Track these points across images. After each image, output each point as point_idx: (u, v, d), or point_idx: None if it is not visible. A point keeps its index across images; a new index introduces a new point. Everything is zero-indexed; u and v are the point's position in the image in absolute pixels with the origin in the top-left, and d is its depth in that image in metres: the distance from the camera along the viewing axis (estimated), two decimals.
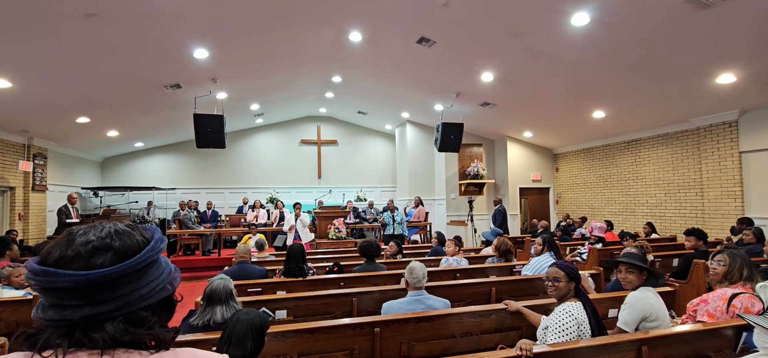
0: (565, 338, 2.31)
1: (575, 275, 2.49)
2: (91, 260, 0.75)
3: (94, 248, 0.76)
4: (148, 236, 0.85)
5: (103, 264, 0.75)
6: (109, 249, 0.77)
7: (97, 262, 0.75)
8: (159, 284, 0.82)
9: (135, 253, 0.79)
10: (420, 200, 10.78)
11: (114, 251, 0.77)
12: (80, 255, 0.75)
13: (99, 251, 0.76)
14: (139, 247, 0.80)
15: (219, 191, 13.30)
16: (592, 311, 2.40)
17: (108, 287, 0.74)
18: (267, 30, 6.22)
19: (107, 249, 0.77)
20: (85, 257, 0.75)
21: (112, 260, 0.76)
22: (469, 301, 3.91)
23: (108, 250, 0.77)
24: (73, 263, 0.74)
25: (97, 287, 0.73)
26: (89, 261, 0.75)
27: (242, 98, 9.80)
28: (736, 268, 2.76)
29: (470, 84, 7.98)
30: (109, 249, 0.77)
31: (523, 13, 5.17)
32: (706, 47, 5.29)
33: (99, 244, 0.77)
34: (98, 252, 0.76)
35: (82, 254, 0.75)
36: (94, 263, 0.75)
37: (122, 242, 0.79)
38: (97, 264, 0.75)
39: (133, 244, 0.80)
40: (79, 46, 5.38)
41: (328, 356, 2.62)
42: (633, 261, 2.71)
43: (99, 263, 0.75)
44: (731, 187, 7.36)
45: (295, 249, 4.40)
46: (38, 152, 8.99)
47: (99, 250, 0.76)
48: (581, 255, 6.06)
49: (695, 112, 7.67)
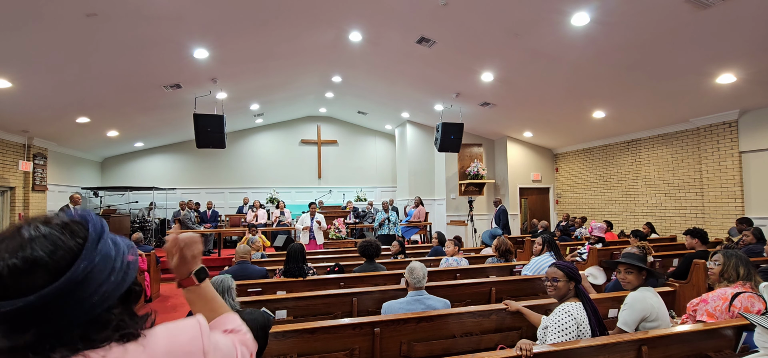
0: (564, 338, 2.31)
1: (574, 274, 2.49)
2: (17, 284, 0.62)
3: (15, 270, 0.62)
4: (81, 232, 0.70)
5: (31, 287, 0.62)
6: (36, 267, 0.63)
7: (23, 285, 0.62)
8: (114, 281, 0.69)
9: (70, 262, 0.66)
10: (420, 200, 10.77)
11: (43, 268, 0.64)
12: (1, 279, 0.62)
13: (23, 273, 0.63)
14: (74, 252, 0.67)
15: (219, 190, 13.30)
16: (593, 310, 2.40)
17: (48, 309, 0.62)
18: (267, 30, 6.22)
19: (33, 267, 0.63)
20: (7, 282, 0.62)
21: (43, 280, 0.63)
22: (469, 301, 3.91)
23: (35, 268, 0.63)
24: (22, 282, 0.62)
25: (33, 313, 0.62)
26: (15, 285, 0.62)
27: (242, 98, 9.80)
28: (730, 266, 2.76)
29: (470, 84, 7.98)
30: (37, 266, 0.63)
31: (523, 13, 5.17)
32: (706, 47, 5.29)
33: (20, 262, 0.63)
34: (22, 274, 0.63)
35: (4, 278, 0.62)
36: (20, 286, 0.62)
37: (50, 253, 0.65)
38: (24, 288, 0.62)
39: (65, 251, 0.66)
40: (79, 46, 5.38)
41: (328, 356, 2.62)
42: (632, 261, 2.71)
43: (26, 287, 0.62)
44: (731, 187, 7.36)
45: (295, 249, 4.40)
46: (38, 152, 8.99)
47: (22, 271, 0.63)
48: (581, 255, 6.06)
49: (695, 112, 7.67)
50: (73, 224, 0.71)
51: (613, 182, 10.23)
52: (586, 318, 2.36)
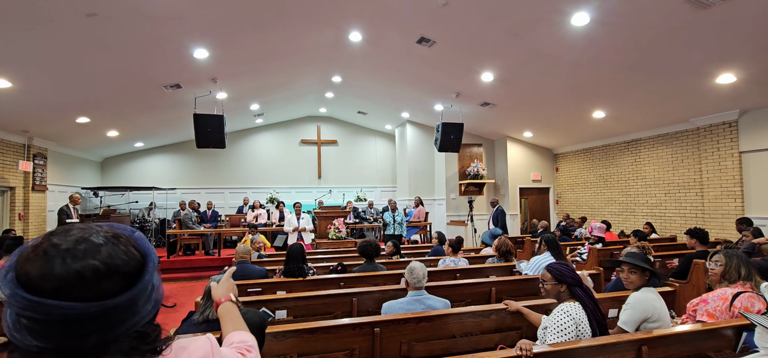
0: (563, 338, 2.31)
1: (562, 277, 2.46)
2: (99, 286, 0.66)
3: (98, 272, 0.67)
4: (139, 244, 0.76)
5: (112, 291, 0.67)
6: (115, 272, 0.69)
7: (105, 289, 0.67)
8: (160, 295, 0.77)
9: (138, 270, 0.72)
10: (420, 200, 10.78)
11: (121, 273, 0.69)
12: (84, 280, 0.66)
13: (106, 276, 0.67)
14: (139, 263, 0.73)
15: (219, 190, 13.30)
16: (593, 311, 2.39)
17: (118, 313, 0.67)
18: (267, 30, 6.22)
19: (114, 272, 0.69)
20: (90, 283, 0.66)
21: (120, 285, 0.69)
22: (469, 301, 3.91)
23: (114, 273, 0.69)
24: (75, 290, 0.65)
25: (107, 316, 0.66)
26: (97, 288, 0.66)
27: (242, 98, 9.80)
28: (732, 267, 2.76)
29: (470, 84, 7.98)
30: (116, 272, 0.69)
31: (523, 13, 5.17)
32: (706, 47, 5.29)
33: (103, 267, 0.68)
34: (105, 277, 0.67)
35: (87, 279, 0.66)
36: (102, 289, 0.66)
37: (125, 261, 0.71)
38: (105, 291, 0.67)
39: (133, 260, 0.72)
40: (79, 46, 5.38)
41: (328, 356, 2.62)
42: (636, 262, 2.70)
43: (107, 290, 0.67)
44: (731, 187, 7.36)
45: (295, 249, 4.40)
46: (38, 152, 8.99)
47: (105, 275, 0.67)
48: (581, 255, 6.06)
49: (695, 112, 7.67)
50: (123, 236, 0.75)
51: (613, 181, 10.23)
52: (586, 318, 2.36)
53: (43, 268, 0.65)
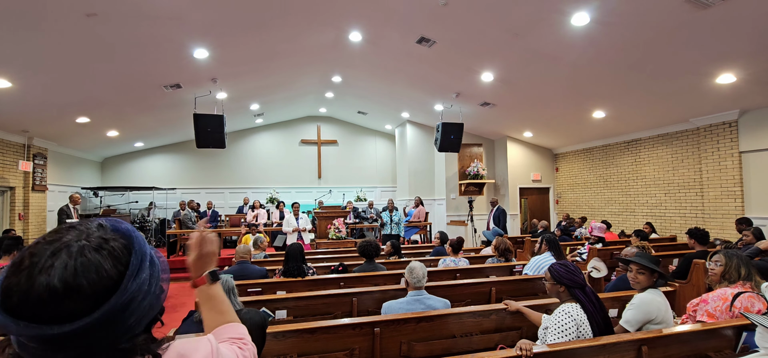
0: (564, 339, 2.31)
1: (560, 278, 2.46)
2: (59, 309, 0.61)
3: (57, 294, 0.61)
4: (121, 254, 0.68)
5: (73, 314, 0.61)
6: (77, 293, 0.62)
7: (64, 311, 0.61)
8: (147, 306, 0.69)
9: (109, 289, 0.64)
10: (420, 200, 10.77)
11: (82, 295, 0.62)
12: (43, 302, 0.60)
13: (65, 298, 0.61)
14: (113, 280, 0.65)
15: (219, 191, 13.30)
16: (593, 313, 2.38)
17: (78, 337, 0.62)
18: (267, 30, 6.22)
19: (75, 293, 0.62)
20: (49, 305, 0.61)
21: (80, 308, 0.62)
22: (469, 301, 3.91)
23: (74, 294, 0.62)
24: (32, 309, 0.60)
25: (63, 340, 0.61)
26: (56, 310, 0.61)
27: (242, 98, 9.80)
28: (732, 267, 2.75)
29: (470, 84, 7.98)
30: (79, 293, 0.62)
31: (523, 13, 5.17)
32: (706, 47, 5.29)
33: (62, 288, 0.61)
34: (64, 299, 0.61)
35: (45, 301, 0.60)
36: (61, 312, 0.61)
37: (90, 282, 0.63)
38: (64, 314, 0.61)
39: (103, 278, 0.65)
40: (79, 46, 5.38)
41: (328, 356, 2.62)
42: (645, 263, 2.69)
43: (62, 313, 0.61)
44: (731, 187, 7.36)
45: (295, 249, 4.40)
46: (38, 152, 8.99)
47: (64, 297, 0.61)
48: (581, 255, 6.06)
49: (695, 112, 7.67)
50: (117, 245, 0.69)
51: (613, 182, 10.23)
52: (586, 319, 2.36)
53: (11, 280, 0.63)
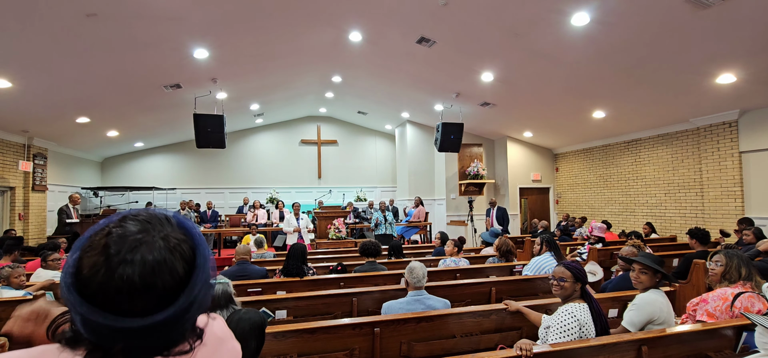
0: (566, 339, 2.30)
1: (582, 276, 2.46)
2: (133, 303, 0.65)
3: (135, 289, 0.65)
4: (189, 255, 0.72)
5: (145, 310, 0.65)
6: (152, 290, 0.66)
7: (137, 306, 0.65)
8: (207, 301, 0.73)
9: (177, 289, 0.68)
10: (420, 200, 10.77)
11: (155, 293, 0.66)
12: (121, 294, 0.64)
13: (142, 294, 0.65)
14: (181, 281, 0.69)
15: (219, 190, 13.30)
16: (599, 312, 2.38)
17: (155, 329, 0.66)
18: (267, 30, 6.22)
19: (147, 291, 0.66)
20: (126, 298, 0.64)
21: (155, 304, 0.66)
22: (469, 301, 3.91)
23: (149, 291, 0.66)
24: (113, 301, 0.64)
25: (131, 332, 0.65)
26: (131, 304, 0.64)
27: (242, 98, 9.80)
28: (733, 267, 2.74)
29: (470, 84, 7.98)
30: (151, 290, 0.66)
31: (523, 13, 5.17)
32: (706, 47, 5.29)
33: (141, 284, 0.65)
34: (141, 295, 0.65)
35: (123, 294, 0.64)
36: (134, 307, 0.65)
37: (164, 282, 0.67)
38: (137, 309, 0.65)
39: (174, 280, 0.68)
40: (79, 46, 5.38)
41: (328, 356, 2.62)
42: (648, 263, 2.69)
43: (140, 307, 0.65)
44: (731, 187, 7.36)
45: (297, 248, 4.40)
46: (38, 152, 8.99)
47: (142, 293, 0.65)
48: (581, 255, 6.06)
49: (695, 112, 7.67)
50: (186, 248, 0.72)
51: (613, 181, 10.22)
52: (591, 320, 2.35)
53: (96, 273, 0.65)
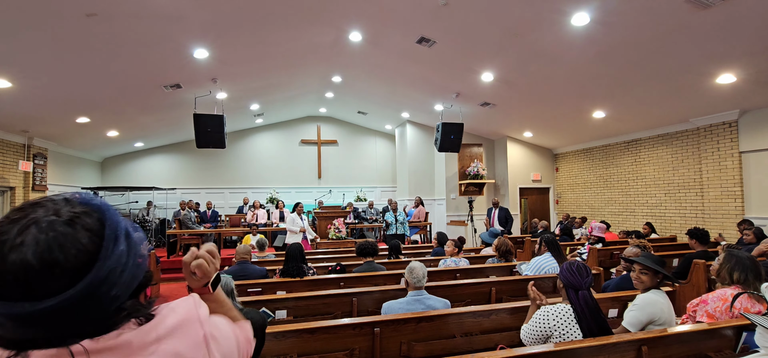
0: (533, 340, 2.39)
1: (563, 277, 2.44)
2: (36, 285, 0.59)
3: (33, 270, 0.58)
4: (95, 227, 0.65)
5: (51, 290, 0.59)
6: (55, 267, 0.59)
7: (42, 288, 0.59)
8: (128, 277, 0.67)
9: (86, 263, 0.62)
10: (420, 200, 10.77)
11: (62, 269, 0.60)
12: (18, 280, 0.58)
13: (42, 274, 0.59)
14: (89, 252, 0.63)
15: (219, 190, 13.30)
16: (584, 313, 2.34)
17: (60, 313, 0.60)
18: (267, 30, 6.22)
19: (53, 268, 0.59)
20: (25, 283, 0.58)
21: (63, 283, 0.60)
22: (469, 301, 3.91)
23: (54, 269, 0.59)
24: (12, 289, 0.58)
25: (46, 316, 0.59)
26: (34, 286, 0.58)
27: (242, 98, 9.80)
28: (725, 269, 2.71)
29: (470, 84, 7.98)
30: (56, 267, 0.59)
31: (523, 13, 5.17)
32: (706, 47, 5.29)
33: (38, 264, 0.58)
34: (41, 275, 0.59)
35: (21, 279, 0.58)
36: (39, 289, 0.59)
37: (68, 254, 0.61)
38: (43, 291, 0.59)
39: (80, 251, 0.62)
40: (79, 46, 5.38)
41: (328, 356, 2.62)
42: (649, 263, 2.68)
43: (46, 289, 0.59)
44: (731, 187, 7.36)
45: (295, 248, 4.40)
46: (38, 152, 8.99)
47: (41, 273, 0.59)
48: (581, 255, 6.06)
49: (695, 112, 7.67)
50: (85, 216, 0.65)
51: (613, 181, 10.22)
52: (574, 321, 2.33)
53: None
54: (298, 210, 8.41)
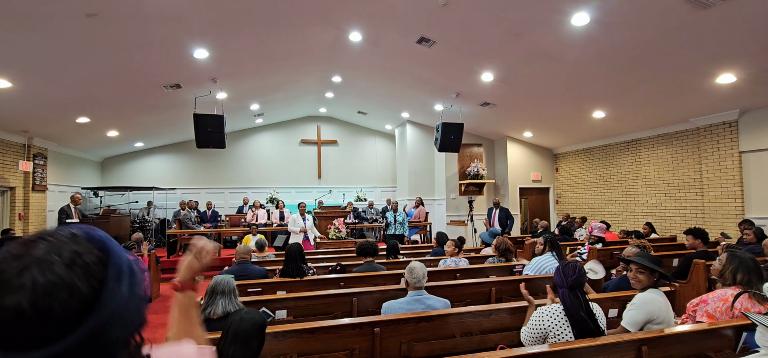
0: (533, 339, 2.41)
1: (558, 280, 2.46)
2: (27, 333, 0.56)
3: (24, 317, 0.56)
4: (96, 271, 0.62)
5: (44, 339, 0.57)
6: (48, 316, 0.57)
7: (33, 336, 0.57)
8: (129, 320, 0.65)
9: (85, 309, 0.59)
10: (420, 200, 10.78)
11: (55, 318, 0.57)
12: (9, 325, 0.56)
13: (34, 322, 0.56)
14: (87, 300, 0.60)
15: (219, 190, 13.30)
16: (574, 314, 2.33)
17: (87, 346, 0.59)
18: (267, 30, 6.22)
19: (46, 316, 0.57)
20: (17, 329, 0.56)
21: (56, 331, 0.57)
22: (469, 301, 3.91)
23: (47, 317, 0.57)
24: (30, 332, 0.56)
25: (77, 353, 0.58)
26: (25, 334, 0.56)
27: (242, 98, 9.80)
28: (728, 270, 2.71)
29: (470, 84, 7.98)
30: (49, 316, 0.57)
31: (523, 13, 5.17)
32: (706, 47, 5.29)
33: (31, 311, 0.56)
34: (33, 323, 0.56)
35: (12, 325, 0.56)
36: (30, 337, 0.56)
37: (62, 302, 0.58)
38: (34, 339, 0.57)
39: (79, 299, 0.59)
40: (79, 46, 5.38)
41: (328, 356, 2.62)
42: (646, 262, 2.69)
43: (37, 337, 0.57)
44: (731, 187, 7.36)
45: (293, 249, 4.39)
46: (38, 152, 8.99)
47: (34, 320, 0.56)
48: (581, 255, 6.06)
49: (695, 112, 7.67)
50: (91, 259, 0.63)
51: (613, 182, 10.22)
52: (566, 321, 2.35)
53: None
54: (300, 210, 8.40)
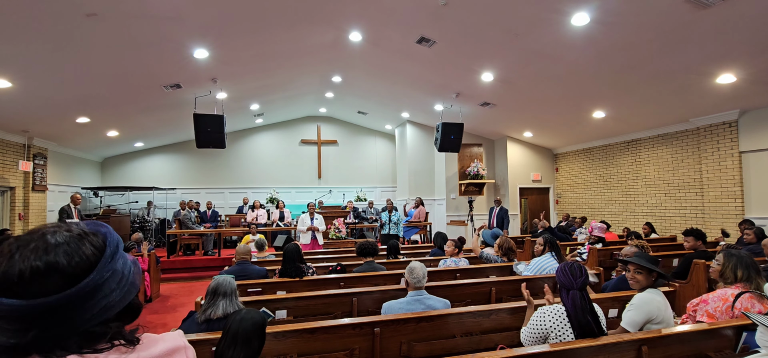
0: (533, 339, 2.41)
1: (558, 277, 2.45)
2: (34, 286, 0.67)
3: (36, 272, 0.67)
4: (99, 244, 0.75)
5: (47, 290, 0.67)
6: (55, 271, 0.68)
7: (41, 288, 0.67)
8: (117, 296, 0.74)
9: (86, 270, 0.71)
10: (421, 201, 10.77)
11: (61, 273, 0.69)
12: (22, 279, 0.66)
13: (43, 275, 0.67)
14: (90, 262, 0.72)
15: (219, 191, 13.30)
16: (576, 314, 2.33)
17: (57, 313, 0.67)
18: (267, 30, 6.22)
19: (52, 271, 0.68)
20: (27, 281, 0.67)
21: (58, 285, 0.68)
22: (469, 301, 3.91)
23: (54, 272, 0.68)
24: (13, 288, 0.66)
25: (43, 314, 0.66)
26: (32, 286, 0.66)
27: (242, 98, 9.80)
28: (728, 268, 2.72)
29: (470, 84, 7.98)
30: (55, 271, 0.68)
31: (523, 13, 5.17)
32: (706, 47, 5.29)
33: (43, 266, 0.68)
34: (42, 276, 0.67)
35: (25, 278, 0.66)
36: (37, 289, 0.67)
37: (70, 260, 0.70)
38: (41, 290, 0.67)
39: (82, 260, 0.71)
40: (79, 46, 5.38)
41: (328, 356, 2.62)
42: (643, 262, 2.69)
43: (43, 289, 0.67)
44: (731, 187, 7.36)
45: (291, 250, 4.37)
46: (38, 152, 8.99)
47: (42, 274, 0.67)
48: (581, 255, 6.06)
49: (695, 112, 7.67)
50: (92, 235, 0.76)
51: (613, 182, 10.23)
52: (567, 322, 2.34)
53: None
54: (310, 210, 8.35)
